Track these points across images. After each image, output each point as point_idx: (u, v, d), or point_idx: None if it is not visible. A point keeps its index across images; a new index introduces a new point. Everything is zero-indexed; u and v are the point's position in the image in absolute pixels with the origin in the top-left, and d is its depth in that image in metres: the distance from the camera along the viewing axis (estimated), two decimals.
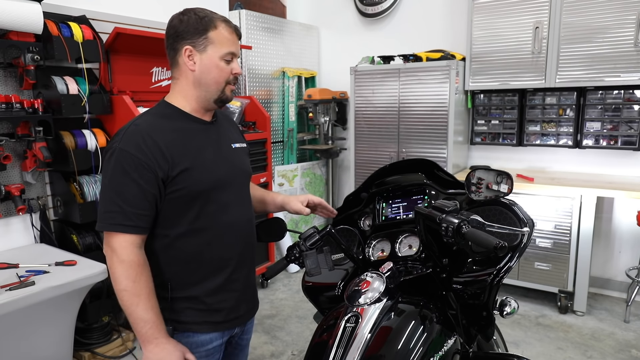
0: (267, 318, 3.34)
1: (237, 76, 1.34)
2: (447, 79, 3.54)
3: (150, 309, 1.21)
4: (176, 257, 1.31)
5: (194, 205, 1.28)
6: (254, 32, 4.00)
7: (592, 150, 3.54)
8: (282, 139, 4.37)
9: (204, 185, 1.29)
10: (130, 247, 1.21)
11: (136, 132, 1.24)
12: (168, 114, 1.32)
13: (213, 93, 1.32)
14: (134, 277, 1.19)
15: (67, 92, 2.54)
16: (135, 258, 1.21)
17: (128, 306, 1.20)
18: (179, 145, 1.27)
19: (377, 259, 1.51)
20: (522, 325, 3.15)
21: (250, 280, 1.47)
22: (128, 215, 1.20)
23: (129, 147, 1.21)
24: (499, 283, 1.24)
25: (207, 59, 1.29)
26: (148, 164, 1.21)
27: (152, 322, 1.21)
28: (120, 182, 1.21)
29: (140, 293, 1.20)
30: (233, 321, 1.41)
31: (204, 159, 1.30)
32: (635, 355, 2.78)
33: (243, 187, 1.44)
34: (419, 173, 1.59)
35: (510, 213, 1.35)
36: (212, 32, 1.28)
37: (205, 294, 1.33)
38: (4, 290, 1.89)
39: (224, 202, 1.34)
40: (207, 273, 1.34)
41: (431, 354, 1.15)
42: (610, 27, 3.11)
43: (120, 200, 1.20)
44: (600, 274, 3.65)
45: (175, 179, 1.24)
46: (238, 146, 1.46)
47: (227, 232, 1.35)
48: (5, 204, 2.50)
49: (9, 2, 2.25)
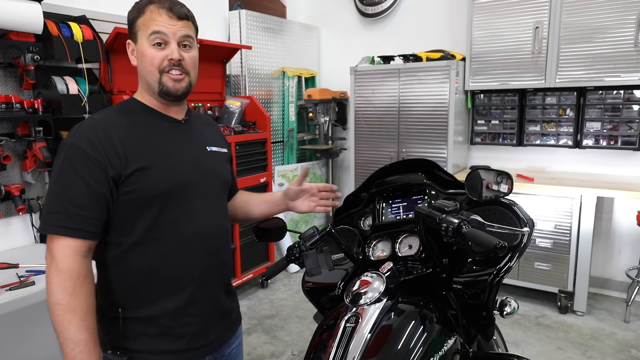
0: (267, 318, 3.34)
1: (172, 62, 1.16)
2: (447, 79, 3.54)
3: (84, 329, 1.03)
4: (130, 271, 1.15)
5: (150, 210, 1.14)
6: (254, 32, 4.00)
7: (592, 150, 3.54)
8: (282, 139, 4.37)
9: (162, 187, 1.14)
10: (72, 254, 1.05)
11: (90, 126, 1.12)
12: (133, 110, 1.21)
13: (153, 85, 1.18)
14: (71, 289, 1.03)
15: (67, 92, 2.55)
16: (76, 267, 1.05)
17: (60, 323, 1.03)
18: (137, 142, 1.14)
19: (377, 259, 1.51)
20: (522, 325, 3.15)
21: (220, 303, 1.29)
22: (72, 217, 1.05)
23: (80, 142, 1.08)
24: (499, 283, 1.24)
25: (139, 48, 1.17)
26: (98, 160, 1.07)
27: (85, 344, 1.03)
28: (67, 179, 1.07)
29: (76, 309, 1.03)
30: (200, 349, 1.23)
31: (166, 159, 1.17)
32: (635, 355, 2.78)
33: (214, 194, 1.28)
34: (419, 173, 1.59)
35: (510, 213, 1.35)
36: (140, 18, 1.16)
37: (163, 315, 1.17)
38: (4, 290, 1.89)
39: (187, 209, 1.19)
40: (165, 291, 1.17)
41: (431, 354, 1.14)
42: (610, 27, 3.11)
43: (66, 200, 1.06)
44: (600, 274, 3.65)
45: (129, 178, 1.10)
46: (215, 150, 1.32)
47: (189, 245, 1.19)
48: (5, 204, 2.50)
49: (9, 2, 2.25)
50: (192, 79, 1.23)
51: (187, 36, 1.19)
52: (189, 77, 1.22)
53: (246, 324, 3.25)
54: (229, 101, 3.70)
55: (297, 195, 1.46)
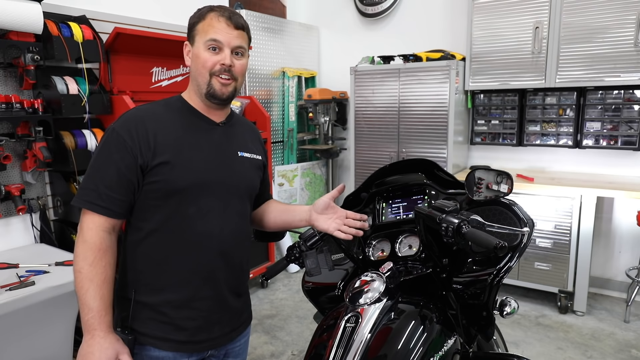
0: (267, 318, 3.34)
1: (224, 67, 1.25)
2: (447, 79, 3.54)
3: (99, 298, 1.14)
4: (144, 256, 1.24)
5: (168, 203, 1.22)
6: (254, 32, 4.00)
7: (592, 150, 3.54)
8: (282, 139, 4.37)
9: (181, 183, 1.22)
10: (95, 228, 1.16)
11: (132, 116, 1.24)
12: (174, 107, 1.31)
13: (202, 86, 1.27)
14: (91, 260, 1.14)
15: (67, 92, 2.54)
16: (97, 241, 1.16)
17: (79, 289, 1.14)
18: (169, 137, 1.23)
19: (377, 259, 1.51)
20: (522, 325, 3.15)
21: (227, 302, 1.33)
22: (101, 195, 1.16)
23: (120, 129, 1.20)
24: (499, 283, 1.24)
25: (195, 50, 1.27)
26: (132, 148, 1.18)
27: (97, 311, 1.14)
28: (103, 160, 1.19)
29: (93, 278, 1.14)
30: (202, 343, 1.29)
31: (191, 158, 1.24)
32: (635, 355, 2.78)
33: (235, 197, 1.32)
34: (419, 173, 1.59)
35: (510, 213, 1.35)
36: (200, 23, 1.26)
37: (168, 305, 1.24)
38: (4, 290, 1.89)
39: (203, 208, 1.25)
40: (172, 282, 1.25)
41: (431, 354, 1.14)
42: (610, 27, 3.11)
43: (98, 179, 1.18)
44: (600, 274, 3.65)
45: (154, 169, 1.20)
46: (247, 156, 1.37)
47: (200, 243, 1.25)
48: (5, 204, 2.50)
49: (9, 2, 2.25)
50: (238, 85, 1.32)
51: (241, 46, 1.28)
52: (236, 83, 1.31)
53: None
54: None
55: (323, 210, 1.38)
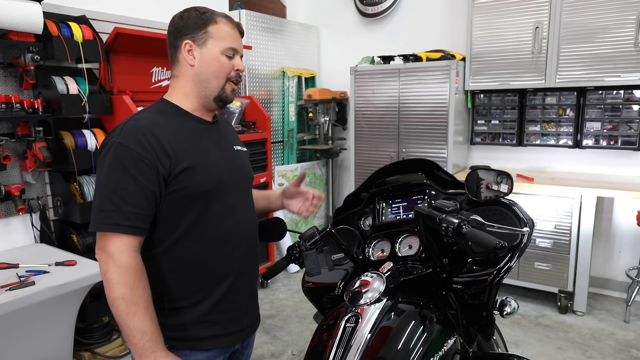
0: (267, 318, 3.34)
1: (239, 74, 1.29)
2: (447, 79, 3.54)
3: (148, 319, 1.11)
4: (176, 264, 1.22)
5: (196, 206, 1.21)
6: (254, 32, 4.00)
7: (592, 150, 3.54)
8: (282, 139, 4.37)
9: (207, 185, 1.22)
10: (128, 250, 1.11)
11: (136, 127, 1.17)
12: (168, 111, 1.27)
13: (213, 89, 1.27)
14: (132, 283, 1.09)
15: (67, 92, 2.55)
16: (133, 262, 1.11)
17: (124, 316, 1.09)
18: (181, 142, 1.20)
19: (377, 259, 1.51)
20: (522, 325, 3.15)
21: (251, 289, 1.39)
22: (126, 214, 1.11)
23: (128, 142, 1.13)
24: (499, 283, 1.24)
25: (208, 53, 1.25)
26: (149, 160, 1.13)
27: (151, 333, 1.10)
28: (118, 178, 1.12)
29: (138, 301, 1.10)
30: (234, 335, 1.32)
31: (207, 159, 1.25)
32: (635, 355, 2.78)
33: (245, 190, 1.39)
34: (419, 173, 1.59)
35: (510, 213, 1.35)
36: (212, 26, 1.25)
37: (207, 305, 1.25)
38: (4, 290, 1.89)
39: (229, 204, 1.28)
40: (207, 283, 1.25)
41: (431, 354, 1.15)
42: (610, 27, 3.11)
43: (118, 199, 1.11)
44: (600, 274, 3.65)
45: (178, 176, 1.17)
46: (239, 149, 1.41)
47: (230, 238, 1.28)
48: (5, 204, 2.50)
49: (9, 2, 2.25)
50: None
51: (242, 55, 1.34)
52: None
53: None
54: None
55: (292, 195, 1.56)
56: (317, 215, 4.69)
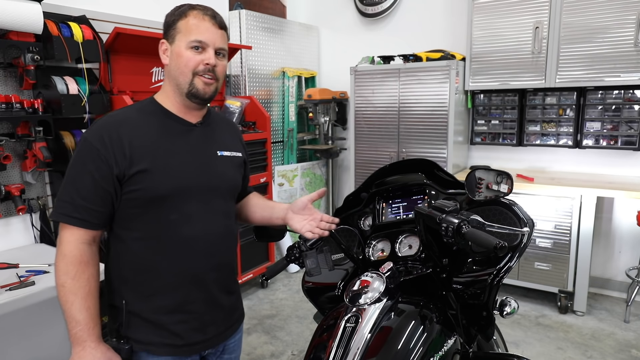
0: (267, 318, 3.34)
1: (208, 67, 1.23)
2: (447, 79, 3.54)
3: (85, 309, 1.13)
4: (132, 263, 1.22)
5: (150, 210, 1.20)
6: (254, 32, 4.00)
7: (592, 150, 3.54)
8: (282, 139, 4.37)
9: (162, 190, 1.19)
10: (74, 242, 1.15)
11: (105, 124, 1.19)
12: (148, 110, 1.27)
13: (183, 86, 1.23)
14: (73, 273, 1.13)
15: (67, 92, 2.54)
16: (77, 254, 1.14)
17: (63, 303, 1.14)
18: (146, 143, 1.19)
19: (377, 259, 1.51)
20: (522, 325, 3.15)
21: (220, 302, 1.33)
22: (77, 207, 1.14)
23: (93, 138, 1.17)
24: (499, 283, 1.24)
25: (175, 49, 1.23)
26: (106, 158, 1.15)
27: (85, 323, 1.13)
28: (77, 172, 1.17)
29: (77, 292, 1.13)
30: (197, 345, 1.29)
31: (170, 163, 1.21)
32: (635, 355, 2.78)
33: (218, 198, 1.31)
34: (419, 173, 1.59)
35: (510, 213, 1.35)
36: (181, 21, 1.23)
37: (160, 311, 1.23)
38: (4, 290, 1.89)
39: (186, 212, 1.23)
40: (162, 288, 1.23)
41: (431, 354, 1.15)
42: (610, 27, 3.11)
43: (74, 191, 1.15)
44: (600, 274, 3.65)
45: (132, 178, 1.17)
46: (226, 154, 1.35)
47: (186, 247, 1.24)
48: (5, 204, 2.50)
49: (9, 2, 2.25)
50: (218, 85, 1.30)
51: (223, 48, 1.29)
52: (217, 83, 1.29)
53: (246, 324, 3.25)
54: (229, 101, 3.70)
55: (300, 210, 1.41)
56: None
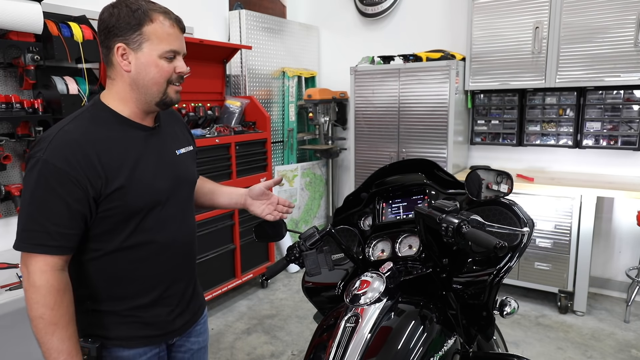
0: (267, 318, 3.34)
1: (181, 75, 1.19)
2: (447, 79, 3.54)
3: (67, 339, 1.08)
4: (107, 272, 1.19)
5: (127, 224, 1.17)
6: (254, 32, 4.00)
7: (592, 150, 3.54)
8: (282, 139, 4.37)
9: (141, 202, 1.17)
10: (50, 270, 1.07)
11: (65, 142, 1.08)
12: (104, 119, 1.16)
13: (154, 95, 1.17)
14: (52, 304, 1.06)
15: (67, 92, 2.54)
16: (55, 283, 1.07)
17: (42, 335, 1.06)
18: (114, 158, 1.13)
19: (377, 259, 1.51)
20: (522, 325, 3.15)
21: (187, 293, 1.36)
22: (52, 234, 1.06)
23: (56, 160, 1.05)
24: (499, 283, 1.24)
25: (144, 58, 1.13)
26: (78, 180, 1.06)
27: (67, 353, 1.08)
28: (44, 198, 1.06)
29: (58, 322, 1.07)
30: (167, 335, 1.31)
31: (143, 174, 1.17)
32: (635, 355, 2.78)
33: (186, 199, 1.33)
34: (419, 173, 1.59)
35: (510, 213, 1.35)
36: (147, 26, 1.11)
37: (134, 309, 1.22)
38: (4, 290, 1.89)
39: (162, 219, 1.23)
40: (138, 290, 1.23)
41: (431, 354, 1.15)
42: (610, 27, 3.11)
43: (44, 219, 1.06)
44: (600, 274, 3.65)
45: (110, 196, 1.11)
46: (183, 151, 1.34)
47: (164, 250, 1.25)
48: (5, 204, 2.50)
49: (9, 2, 2.25)
50: None
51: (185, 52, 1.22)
52: None
53: (246, 324, 3.25)
54: (229, 101, 3.70)
55: (258, 196, 1.49)
56: (317, 215, 4.69)
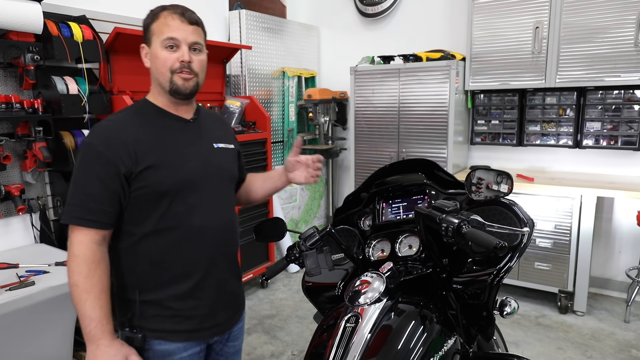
0: (267, 318, 3.34)
1: (184, 64, 1.27)
2: (447, 79, 3.54)
3: (98, 307, 1.18)
4: (142, 258, 1.27)
5: (160, 204, 1.25)
6: (254, 32, 4.00)
7: (592, 150, 3.54)
8: (282, 139, 4.37)
9: (169, 184, 1.25)
10: (86, 242, 1.19)
11: (106, 127, 1.26)
12: (144, 110, 1.33)
13: (164, 84, 1.29)
14: (85, 272, 1.17)
15: (67, 92, 2.54)
16: (90, 254, 1.18)
17: (77, 302, 1.17)
18: (148, 142, 1.25)
19: (377, 259, 1.51)
20: (522, 325, 3.15)
21: (228, 287, 1.40)
22: (90, 209, 1.19)
23: (96, 141, 1.22)
24: (499, 283, 1.24)
25: (153, 51, 1.29)
26: (111, 159, 1.20)
27: (98, 320, 1.17)
28: (84, 175, 1.21)
29: (91, 290, 1.17)
30: (209, 330, 1.36)
31: (174, 158, 1.27)
32: (635, 355, 2.78)
33: (219, 189, 1.38)
34: (419, 173, 1.59)
35: (510, 213, 1.35)
36: (154, 23, 1.28)
37: (173, 299, 1.29)
38: (4, 290, 1.89)
39: (192, 204, 1.29)
40: (174, 277, 1.29)
41: (431, 354, 1.15)
42: (610, 27, 3.11)
43: (83, 194, 1.20)
44: (600, 274, 3.65)
45: (139, 175, 1.22)
46: (222, 146, 1.42)
47: (195, 236, 1.30)
48: (5, 204, 2.50)
49: (9, 2, 2.25)
50: (199, 80, 1.34)
51: (197, 42, 1.30)
52: (197, 78, 1.32)
53: (246, 324, 3.24)
54: (229, 101, 3.70)
55: (293, 167, 1.54)
56: (317, 215, 4.69)
